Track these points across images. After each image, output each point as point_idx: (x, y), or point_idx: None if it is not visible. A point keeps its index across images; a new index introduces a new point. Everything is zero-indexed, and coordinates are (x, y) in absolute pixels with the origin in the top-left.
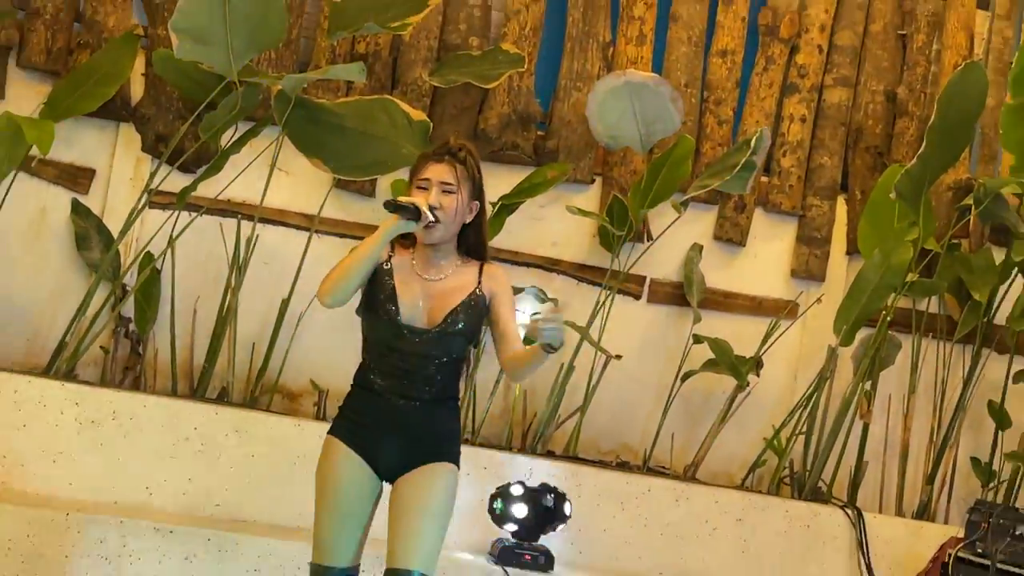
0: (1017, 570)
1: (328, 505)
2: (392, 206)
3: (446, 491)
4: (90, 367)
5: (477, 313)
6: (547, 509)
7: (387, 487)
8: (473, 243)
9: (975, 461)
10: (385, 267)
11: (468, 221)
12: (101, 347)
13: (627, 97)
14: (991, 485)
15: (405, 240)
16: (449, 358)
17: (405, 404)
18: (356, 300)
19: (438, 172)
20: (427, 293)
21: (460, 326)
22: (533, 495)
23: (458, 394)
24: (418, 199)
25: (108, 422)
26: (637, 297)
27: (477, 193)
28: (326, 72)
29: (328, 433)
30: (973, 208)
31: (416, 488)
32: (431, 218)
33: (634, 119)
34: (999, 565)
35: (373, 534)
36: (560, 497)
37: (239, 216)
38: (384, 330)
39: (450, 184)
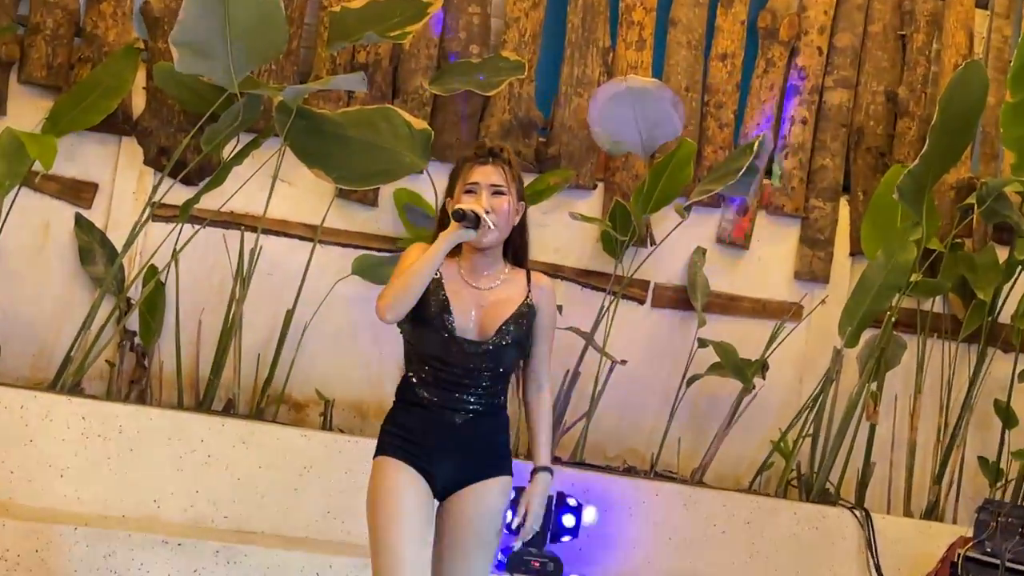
0: None
1: (396, 527)
2: (459, 215)
3: (499, 513)
4: (96, 381)
5: (528, 324)
6: (567, 517)
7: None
8: (519, 245)
9: (982, 460)
10: (435, 276)
11: (515, 223)
12: (107, 361)
13: (629, 103)
14: (999, 484)
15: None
16: (501, 369)
17: (458, 417)
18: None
19: (486, 175)
20: (478, 303)
21: (511, 339)
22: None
23: (506, 404)
24: (476, 206)
25: (115, 436)
26: (641, 302)
27: (521, 194)
28: (327, 83)
29: (378, 455)
30: (976, 207)
31: (469, 513)
32: (490, 225)
33: (636, 125)
34: (1008, 564)
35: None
36: (567, 503)
37: (242, 228)
38: (437, 342)
39: (500, 186)
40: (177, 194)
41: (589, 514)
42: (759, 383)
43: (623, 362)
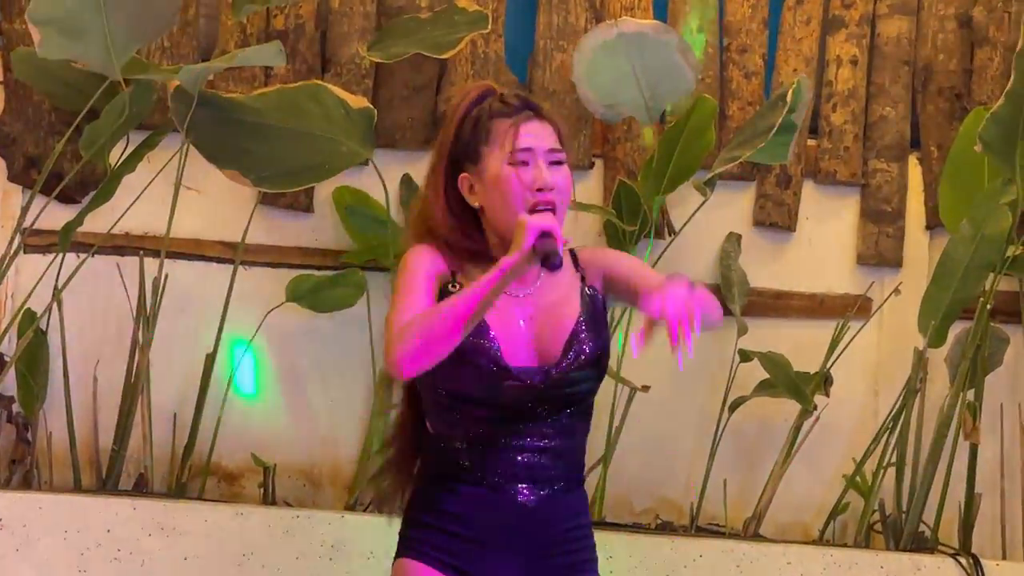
0: None
1: None
2: (548, 254)
3: None
4: None
5: (603, 322)
6: None
7: None
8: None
9: None
10: (452, 288)
11: None
12: None
13: (623, 53)
14: None
15: (468, 242)
16: (577, 408)
17: (529, 498)
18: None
19: (539, 136)
20: (527, 315)
21: (588, 352)
22: None
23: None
24: (549, 226)
25: None
26: None
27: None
28: (234, 58)
29: (400, 556)
30: None
31: None
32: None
33: (635, 80)
34: None
35: None
36: None
37: (141, 253)
38: (477, 382)
39: (559, 151)
40: (55, 216)
41: None
42: (822, 402)
43: (645, 388)
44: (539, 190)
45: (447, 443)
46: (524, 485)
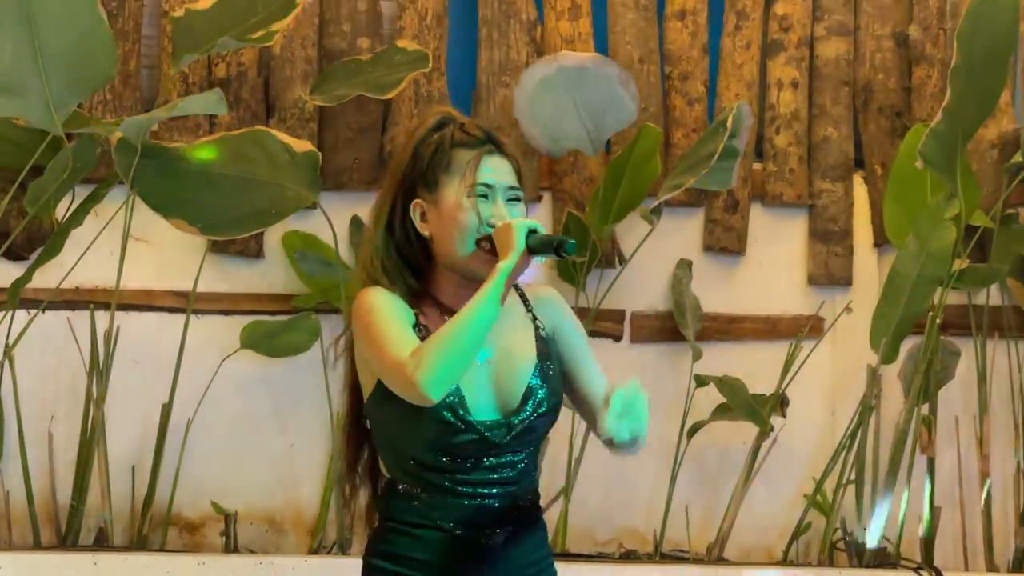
0: None
1: None
2: (546, 243)
3: None
4: None
5: (556, 363)
6: None
7: None
8: None
9: None
10: (419, 332)
11: None
12: None
13: (563, 86)
14: None
15: (407, 274)
16: (532, 449)
17: (491, 539)
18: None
19: (500, 172)
20: (489, 357)
21: (546, 401)
22: None
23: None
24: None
25: None
26: (617, 338)
27: None
28: (174, 108)
29: None
30: None
31: None
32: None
33: (577, 113)
34: None
35: None
36: None
37: (92, 306)
38: (439, 432)
39: (517, 188)
40: (2, 273)
41: None
42: (779, 423)
43: None
44: (492, 226)
45: (406, 488)
46: (486, 527)
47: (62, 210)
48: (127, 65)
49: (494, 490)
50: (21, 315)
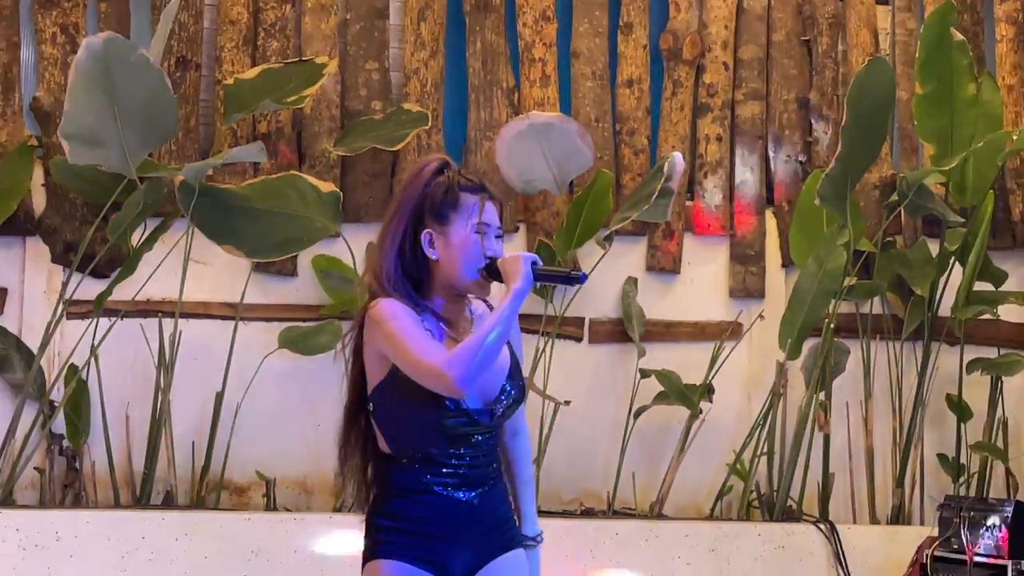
0: (994, 561)
1: None
2: (557, 275)
3: None
4: (27, 490)
5: (515, 360)
6: None
7: None
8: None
9: (942, 457)
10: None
11: None
12: (36, 468)
13: (534, 139)
14: (962, 479)
15: (409, 286)
16: (498, 430)
17: (472, 497)
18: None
19: (493, 215)
20: None
21: (515, 393)
22: None
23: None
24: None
25: (52, 544)
26: (578, 340)
27: None
28: (224, 156)
29: (375, 558)
30: (900, 203)
31: None
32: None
33: (545, 160)
34: (976, 559)
35: None
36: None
37: (160, 315)
38: (440, 416)
39: (500, 227)
40: (89, 288)
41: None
42: (706, 407)
43: (567, 403)
44: (489, 258)
45: (406, 462)
46: (464, 489)
47: (136, 238)
48: (188, 122)
49: (471, 461)
50: (103, 322)
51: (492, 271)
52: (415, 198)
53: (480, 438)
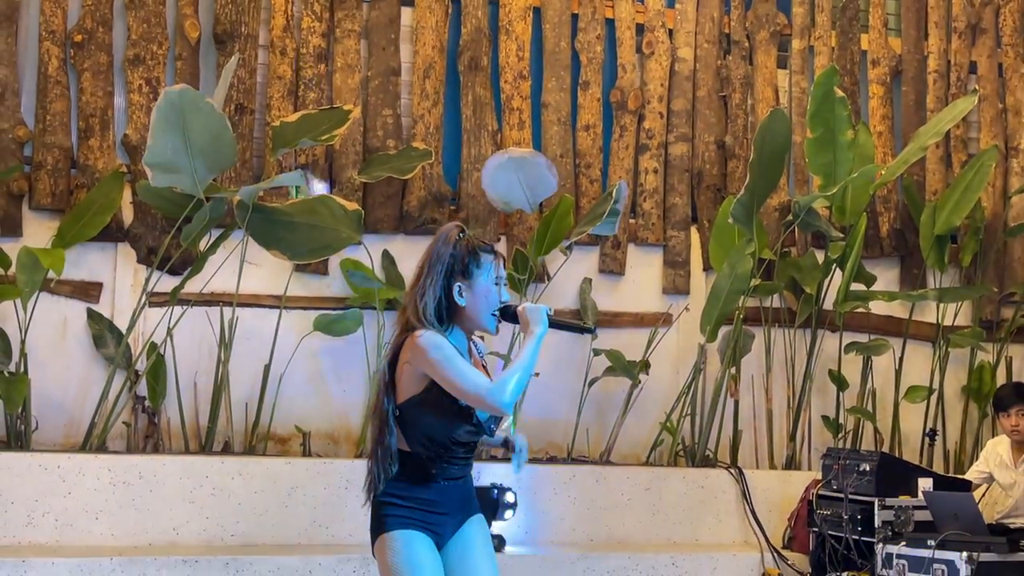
0: (863, 498)
1: None
2: (571, 327)
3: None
4: (117, 440)
5: None
6: (495, 501)
7: None
8: None
9: (825, 418)
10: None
11: None
12: (124, 422)
13: (512, 169)
14: (840, 435)
15: (450, 332)
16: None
17: (463, 480)
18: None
19: (502, 269)
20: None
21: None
22: (483, 492)
23: None
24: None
25: (136, 481)
26: None
27: None
28: (272, 181)
29: (397, 528)
30: (794, 222)
31: (477, 539)
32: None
33: (520, 186)
34: (850, 496)
35: None
36: (503, 490)
37: (221, 304)
38: (459, 428)
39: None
40: (166, 283)
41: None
42: (644, 379)
43: (537, 374)
44: (503, 303)
45: (422, 458)
46: (458, 476)
47: (203, 244)
48: (244, 155)
49: (469, 455)
50: (177, 309)
51: (507, 315)
52: (446, 258)
53: (476, 440)
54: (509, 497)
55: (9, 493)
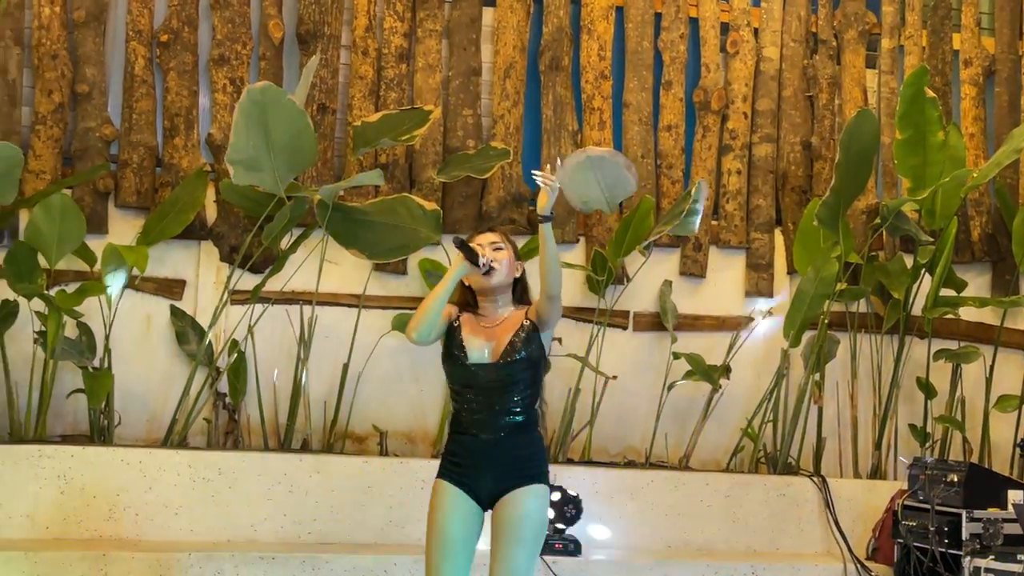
0: (950, 510)
1: (436, 537)
2: (458, 242)
3: (534, 514)
4: (198, 436)
5: (533, 339)
6: (568, 510)
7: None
8: (522, 291)
9: (912, 427)
10: (455, 324)
11: (516, 277)
12: (204, 419)
13: (590, 169)
14: (927, 445)
15: (471, 305)
16: (518, 386)
17: (490, 438)
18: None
19: (486, 237)
20: (491, 336)
21: (520, 354)
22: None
23: (536, 420)
24: (476, 248)
25: (216, 477)
26: (624, 328)
27: (518, 255)
28: (352, 181)
29: (436, 477)
30: (882, 225)
31: (507, 517)
32: (485, 261)
33: (598, 186)
34: (937, 507)
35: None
36: (576, 501)
37: (301, 303)
38: (459, 373)
39: (497, 243)
40: (247, 281)
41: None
42: (725, 383)
43: (614, 377)
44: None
45: (455, 413)
46: (487, 433)
47: (284, 243)
48: (325, 154)
49: (486, 413)
50: (258, 307)
51: (455, 243)
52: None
53: (495, 387)
54: (572, 508)
55: (91, 487)
